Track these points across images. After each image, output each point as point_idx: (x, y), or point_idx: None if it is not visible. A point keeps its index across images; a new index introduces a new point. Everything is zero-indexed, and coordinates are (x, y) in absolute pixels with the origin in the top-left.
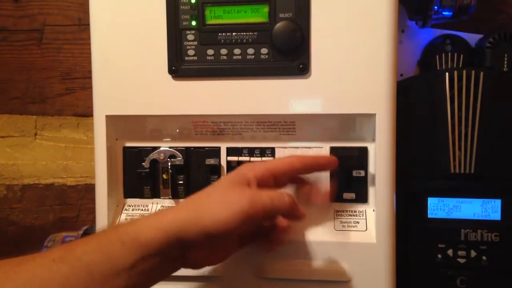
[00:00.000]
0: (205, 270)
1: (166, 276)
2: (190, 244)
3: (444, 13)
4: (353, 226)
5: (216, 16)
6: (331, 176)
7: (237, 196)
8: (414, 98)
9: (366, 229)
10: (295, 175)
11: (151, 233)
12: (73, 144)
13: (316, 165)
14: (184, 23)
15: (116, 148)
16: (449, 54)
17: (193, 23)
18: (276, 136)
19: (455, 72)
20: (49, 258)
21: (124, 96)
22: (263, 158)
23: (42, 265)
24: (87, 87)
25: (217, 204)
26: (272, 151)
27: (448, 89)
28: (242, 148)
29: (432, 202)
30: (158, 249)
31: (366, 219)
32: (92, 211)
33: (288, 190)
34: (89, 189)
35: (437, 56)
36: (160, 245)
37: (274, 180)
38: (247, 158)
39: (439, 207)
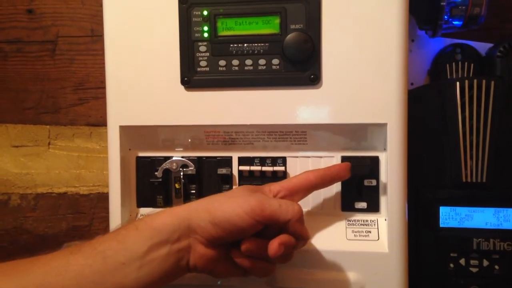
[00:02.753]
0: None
1: (171, 276)
2: (198, 231)
3: (454, 22)
4: (365, 236)
5: (228, 28)
6: (342, 184)
7: (247, 197)
8: (425, 107)
9: (378, 239)
10: (312, 190)
11: (164, 219)
12: (86, 153)
13: (329, 174)
14: (197, 34)
15: (129, 158)
16: (459, 63)
17: (205, 34)
18: (287, 145)
19: (466, 81)
20: (67, 251)
21: (137, 106)
22: (275, 168)
23: (59, 256)
24: (100, 97)
25: (228, 199)
26: (283, 161)
27: (459, 98)
28: (254, 158)
29: (444, 211)
30: (169, 233)
31: (378, 228)
32: (104, 219)
33: None
34: (102, 198)
35: (448, 65)
36: (172, 229)
37: (291, 197)
38: (258, 168)
39: (451, 216)
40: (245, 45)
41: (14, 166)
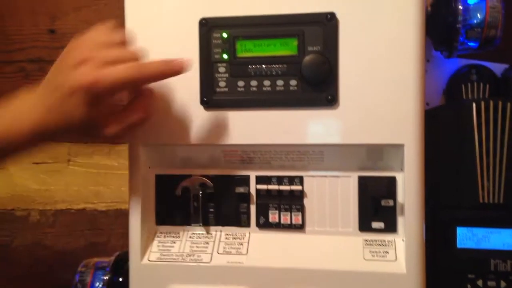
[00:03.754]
0: None
1: None
2: None
3: (470, 44)
4: (383, 256)
5: (247, 50)
6: (359, 204)
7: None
8: (441, 127)
9: (396, 259)
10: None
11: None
12: (104, 170)
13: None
14: (216, 56)
15: (149, 176)
16: (475, 83)
17: (225, 56)
18: (304, 165)
19: (482, 103)
20: None
21: (158, 126)
22: (292, 187)
23: None
24: None
25: None
26: (300, 180)
27: (476, 119)
28: (271, 177)
29: (461, 232)
30: None
31: (395, 249)
32: (122, 236)
33: None
34: (120, 215)
35: (463, 86)
36: None
37: None
38: (276, 187)
39: (468, 237)
40: (264, 66)
41: (34, 183)
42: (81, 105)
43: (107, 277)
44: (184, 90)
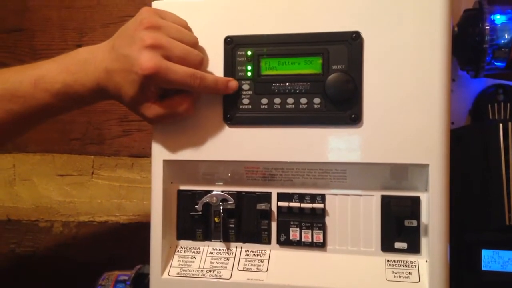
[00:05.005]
0: None
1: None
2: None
3: (496, 64)
4: (405, 277)
5: (271, 68)
6: (382, 224)
7: None
8: (467, 148)
9: (419, 281)
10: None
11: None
12: (127, 184)
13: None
14: (240, 73)
15: (171, 191)
16: (502, 104)
17: (249, 73)
18: (326, 183)
19: (510, 124)
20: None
21: (181, 142)
22: (313, 205)
23: None
24: (143, 129)
25: None
26: (322, 198)
27: (502, 140)
28: (293, 194)
29: (486, 254)
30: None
31: (418, 270)
32: (143, 249)
33: None
34: (141, 228)
35: (489, 106)
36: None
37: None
38: (297, 204)
39: (493, 260)
40: (287, 84)
41: (59, 194)
42: (134, 84)
43: None
44: (208, 107)
